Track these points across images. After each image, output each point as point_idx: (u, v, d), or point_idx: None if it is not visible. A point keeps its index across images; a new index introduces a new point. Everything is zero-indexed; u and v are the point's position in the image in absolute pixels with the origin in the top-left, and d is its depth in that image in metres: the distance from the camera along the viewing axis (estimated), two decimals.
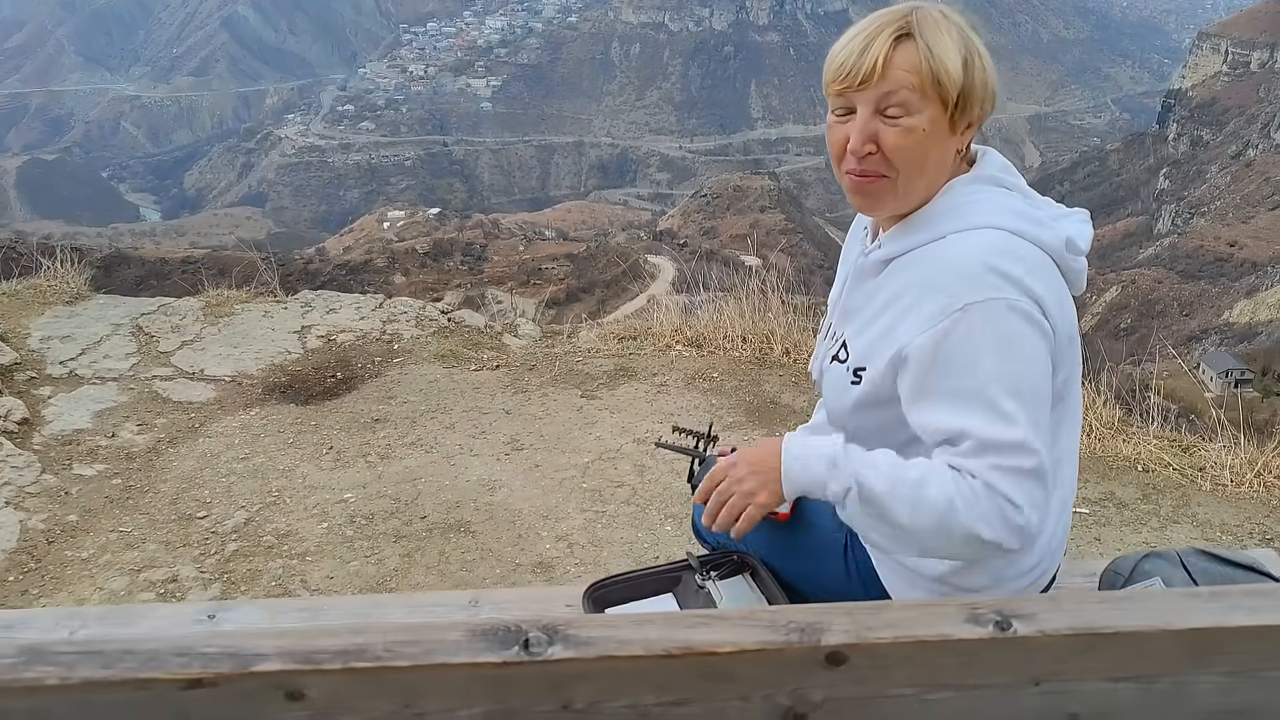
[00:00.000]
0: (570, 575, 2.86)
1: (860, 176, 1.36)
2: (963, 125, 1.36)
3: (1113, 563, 1.63)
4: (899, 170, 1.34)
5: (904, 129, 1.32)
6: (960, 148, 1.40)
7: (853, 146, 1.34)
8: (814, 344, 3.85)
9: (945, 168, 1.39)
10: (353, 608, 1.79)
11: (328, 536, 3.07)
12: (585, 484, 3.30)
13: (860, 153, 1.34)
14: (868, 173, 1.36)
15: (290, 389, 4.04)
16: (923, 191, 1.38)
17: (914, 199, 1.39)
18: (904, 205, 1.40)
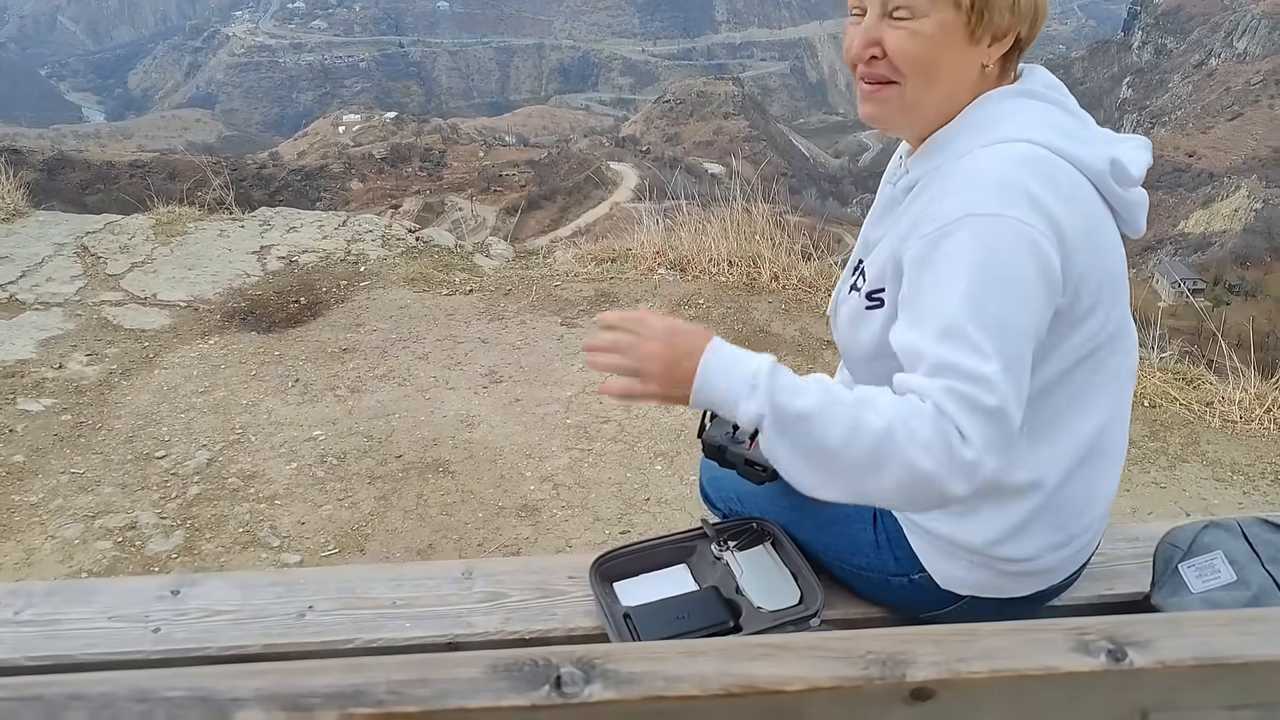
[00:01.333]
0: (557, 519, 2.72)
1: (868, 83, 1.25)
2: (985, 36, 1.21)
3: (1169, 535, 1.50)
4: (905, 76, 1.22)
5: (909, 32, 1.20)
6: (986, 62, 1.24)
7: (854, 49, 1.24)
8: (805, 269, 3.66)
9: (964, 82, 1.25)
10: (335, 581, 1.63)
11: (297, 478, 2.89)
12: (569, 420, 3.14)
13: (863, 56, 1.23)
14: (874, 78, 1.24)
15: (251, 315, 3.81)
16: (936, 104, 1.25)
17: (926, 112, 1.26)
18: (915, 118, 1.28)
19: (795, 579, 1.53)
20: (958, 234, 1.13)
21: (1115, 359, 1.29)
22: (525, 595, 1.59)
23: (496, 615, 1.56)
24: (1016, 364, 1.11)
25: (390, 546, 2.63)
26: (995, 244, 1.11)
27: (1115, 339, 1.27)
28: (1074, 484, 1.30)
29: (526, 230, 47.69)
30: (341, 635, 1.53)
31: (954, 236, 1.13)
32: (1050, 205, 1.14)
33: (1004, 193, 1.13)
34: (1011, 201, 1.12)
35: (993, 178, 1.15)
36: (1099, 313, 1.22)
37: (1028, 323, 1.13)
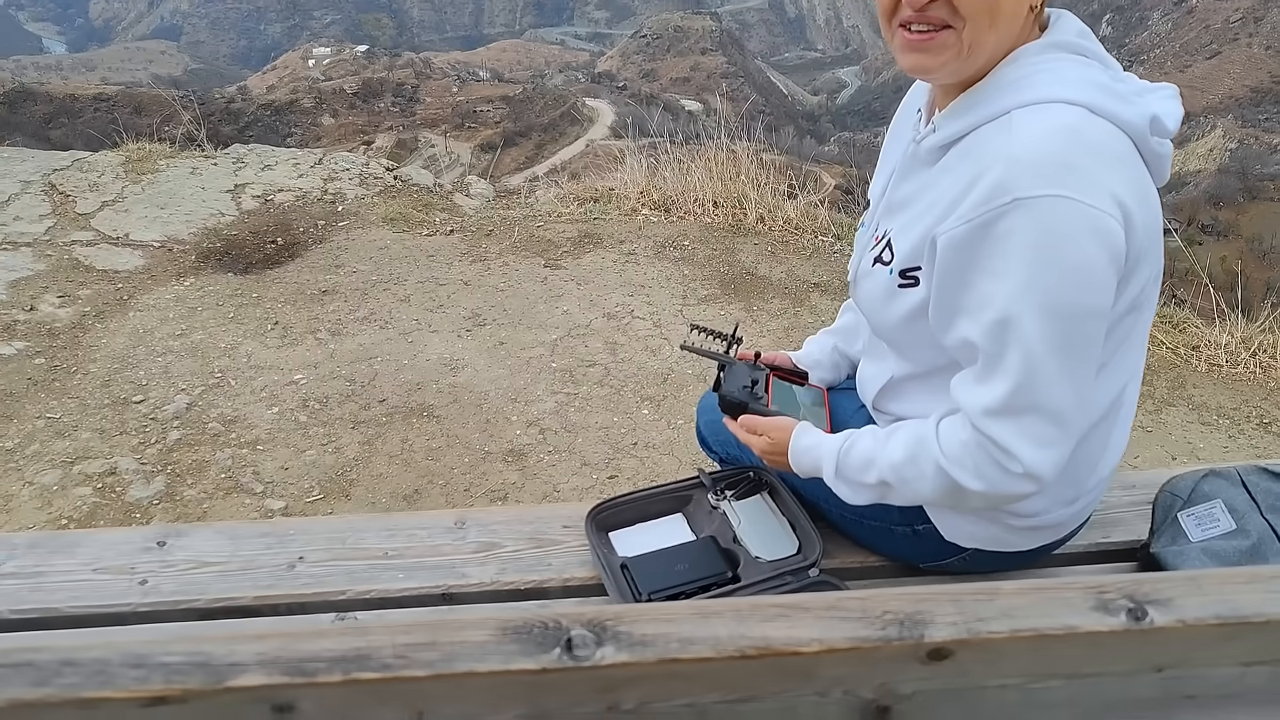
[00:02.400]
0: (544, 464, 2.70)
1: (916, 33, 1.14)
2: None
3: (1168, 484, 1.49)
4: (966, 20, 1.11)
5: None
6: (1035, 3, 1.16)
7: None
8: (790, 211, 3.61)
9: (1018, 24, 1.15)
10: (325, 532, 1.60)
11: (279, 423, 2.85)
12: (555, 363, 3.10)
13: (919, 2, 1.11)
14: (929, 21, 1.13)
15: (227, 256, 3.72)
16: (990, 50, 1.14)
17: (979, 59, 1.15)
18: (967, 67, 1.17)
19: (793, 528, 1.51)
20: (1006, 220, 1.04)
21: (1145, 317, 1.25)
22: (519, 545, 1.57)
23: (491, 566, 1.53)
24: (1079, 367, 1.11)
25: (376, 492, 2.60)
26: (1054, 228, 1.03)
27: (1149, 298, 1.23)
28: (1089, 442, 1.28)
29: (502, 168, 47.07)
30: (334, 587, 1.50)
31: (1002, 224, 1.05)
32: (1108, 178, 1.05)
33: (1056, 169, 1.04)
34: (1066, 178, 1.03)
35: (1039, 151, 1.05)
36: (1142, 272, 1.17)
37: (1093, 319, 1.09)
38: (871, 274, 1.28)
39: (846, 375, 1.64)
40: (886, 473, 1.24)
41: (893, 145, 1.38)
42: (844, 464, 1.29)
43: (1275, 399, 2.87)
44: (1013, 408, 1.11)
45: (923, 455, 1.20)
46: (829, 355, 1.63)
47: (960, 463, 1.17)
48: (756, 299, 3.47)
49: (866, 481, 1.27)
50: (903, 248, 1.21)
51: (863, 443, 1.28)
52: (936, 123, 1.21)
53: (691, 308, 3.41)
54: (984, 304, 1.09)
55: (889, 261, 1.23)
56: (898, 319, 1.24)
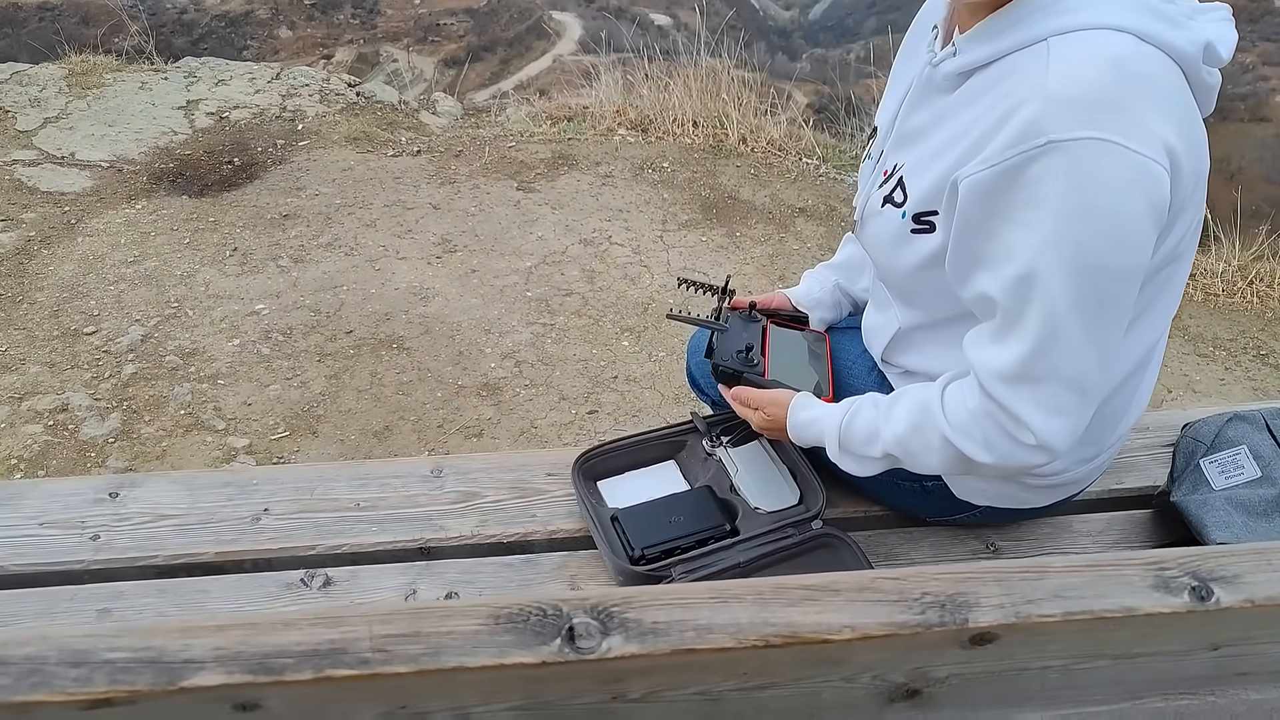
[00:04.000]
0: (520, 399, 2.59)
1: None
2: None
3: (1190, 429, 1.41)
4: None
5: None
6: None
7: None
8: (773, 131, 3.46)
9: None
10: (291, 481, 1.49)
11: (240, 355, 2.71)
12: (529, 292, 2.97)
13: None
14: None
15: (181, 178, 3.53)
16: None
17: None
18: None
19: (794, 476, 1.42)
20: (1039, 164, 0.91)
21: (1183, 267, 1.13)
22: (500, 495, 1.47)
23: (471, 518, 1.44)
24: (1107, 332, 1.01)
25: (344, 429, 2.49)
26: (1092, 177, 0.91)
27: (1189, 246, 1.11)
28: (1115, 397, 1.19)
29: (467, 84, 45.87)
30: (301, 541, 1.40)
31: (1034, 168, 0.92)
32: (1156, 118, 0.92)
33: (1097, 108, 0.91)
34: (1110, 120, 0.90)
35: (1080, 86, 0.91)
36: (1184, 220, 1.04)
37: (1126, 281, 0.98)
38: (881, 215, 1.15)
39: (849, 313, 1.54)
40: (891, 445, 1.15)
41: (904, 66, 1.24)
42: (847, 438, 1.20)
43: (1272, 330, 2.81)
44: (1030, 373, 1.00)
45: (928, 426, 1.11)
46: (830, 294, 1.52)
47: (968, 433, 1.07)
48: (739, 224, 3.35)
49: (871, 455, 1.18)
50: (917, 189, 1.08)
51: (864, 414, 1.18)
52: (958, 45, 1.06)
53: (672, 233, 3.28)
54: (1007, 256, 0.97)
55: (901, 203, 1.10)
56: (909, 267, 1.13)
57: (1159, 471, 1.51)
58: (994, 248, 0.99)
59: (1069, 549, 1.41)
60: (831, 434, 1.20)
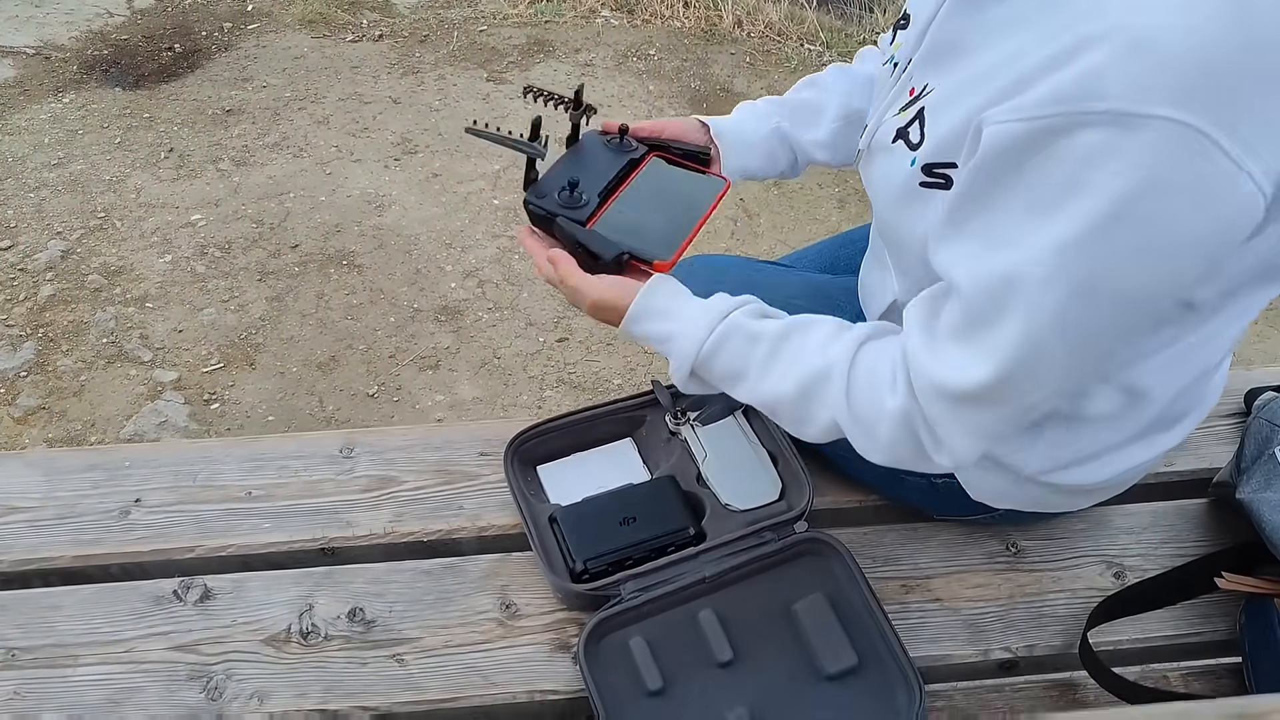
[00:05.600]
0: (483, 324, 2.32)
1: None
2: None
3: (1264, 409, 1.15)
4: None
5: None
6: None
7: None
8: (772, 13, 3.09)
9: None
10: (169, 463, 1.24)
11: (172, 274, 2.43)
12: (497, 200, 2.67)
13: None
14: None
15: (115, 66, 3.18)
16: None
17: None
18: None
19: (774, 463, 1.17)
20: (1087, 136, 0.62)
21: (1275, 287, 0.80)
22: (422, 480, 1.22)
23: (385, 510, 1.19)
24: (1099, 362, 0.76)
25: (285, 360, 2.23)
26: (1156, 178, 0.61)
27: None
28: (1183, 399, 0.92)
29: None
30: (179, 541, 1.16)
31: (1080, 138, 0.62)
32: (1273, 112, 0.61)
33: (1200, 77, 0.60)
34: (1210, 98, 0.60)
35: (1184, 38, 0.60)
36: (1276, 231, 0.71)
37: (1155, 302, 0.70)
38: (890, 153, 0.84)
39: (783, 170, 1.18)
40: (762, 400, 0.89)
41: None
42: (704, 368, 0.91)
43: None
44: (983, 398, 0.74)
45: (819, 401, 0.85)
46: (765, 138, 1.14)
47: (869, 430, 0.83)
48: None
49: (730, 393, 0.92)
50: (938, 129, 0.78)
51: (734, 345, 0.88)
52: None
53: None
54: (999, 242, 0.69)
55: (916, 144, 0.81)
56: (913, 233, 0.83)
57: (1216, 451, 1.26)
58: (988, 223, 0.70)
59: (1106, 549, 1.17)
60: (684, 360, 0.90)
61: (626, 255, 0.93)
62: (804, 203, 2.69)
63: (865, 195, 2.82)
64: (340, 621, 1.09)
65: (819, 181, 2.76)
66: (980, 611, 1.11)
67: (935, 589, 1.13)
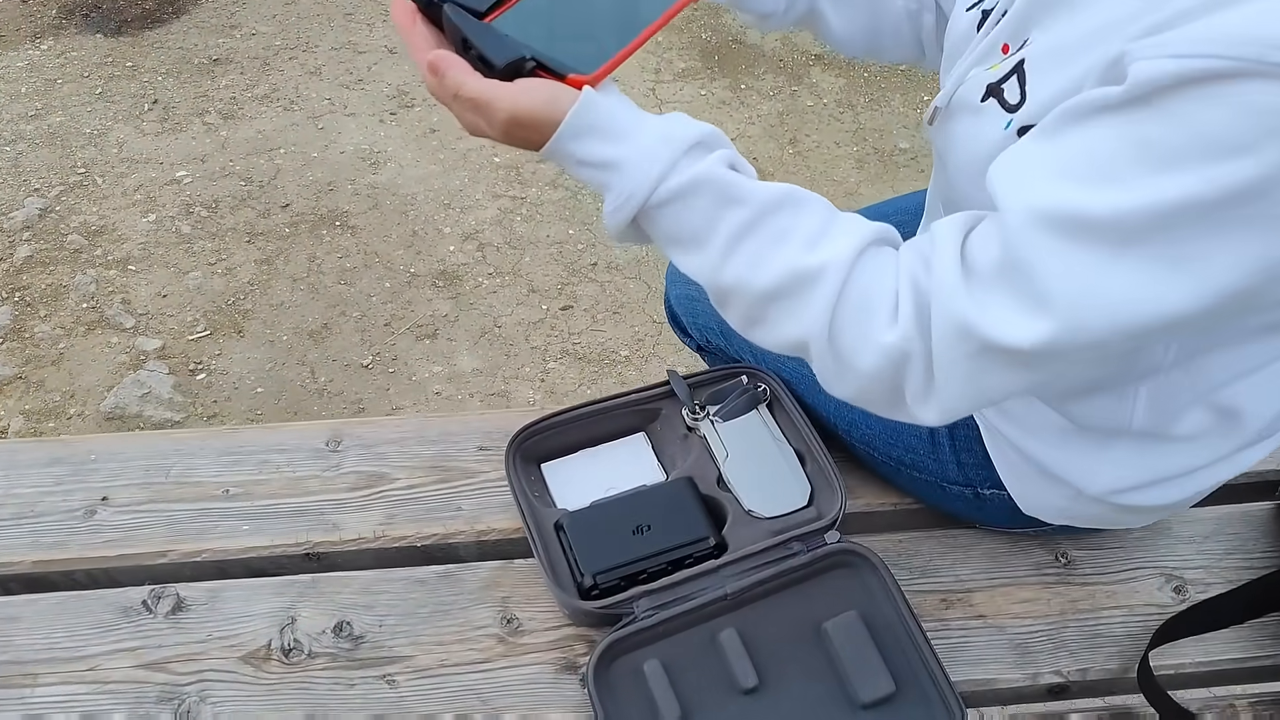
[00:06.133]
0: (483, 290, 2.21)
1: None
2: None
3: None
4: None
5: None
6: None
7: None
8: None
9: None
10: (140, 456, 1.14)
11: (156, 235, 2.31)
12: (497, 157, 2.54)
13: None
14: None
15: (96, 11, 3.02)
16: None
17: None
18: None
19: (802, 463, 1.06)
20: (1244, 90, 0.50)
21: None
22: (416, 478, 1.12)
23: (375, 511, 1.09)
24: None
25: (275, 327, 2.12)
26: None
27: None
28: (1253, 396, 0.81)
29: None
30: (149, 546, 1.06)
31: (1252, 91, 0.50)
32: None
33: None
34: None
35: None
36: None
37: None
38: (979, 114, 0.71)
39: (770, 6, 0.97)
40: (719, 280, 0.71)
41: None
42: (654, 216, 0.70)
43: None
44: (1027, 361, 0.61)
45: (794, 306, 0.68)
46: None
47: (845, 359, 0.68)
48: (745, 74, 2.86)
49: (682, 262, 0.73)
50: (1046, 87, 0.65)
51: (701, 200, 0.68)
52: None
53: (666, 85, 2.81)
54: (1100, 177, 0.56)
55: (1014, 105, 0.68)
56: None
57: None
58: (1092, 153, 0.57)
59: (1165, 560, 1.06)
60: (629, 199, 0.68)
61: (532, 63, 0.68)
62: (820, 162, 2.56)
63: (885, 154, 2.70)
64: (325, 637, 0.99)
65: (836, 140, 2.62)
66: (1028, 630, 1.01)
67: (978, 604, 1.03)
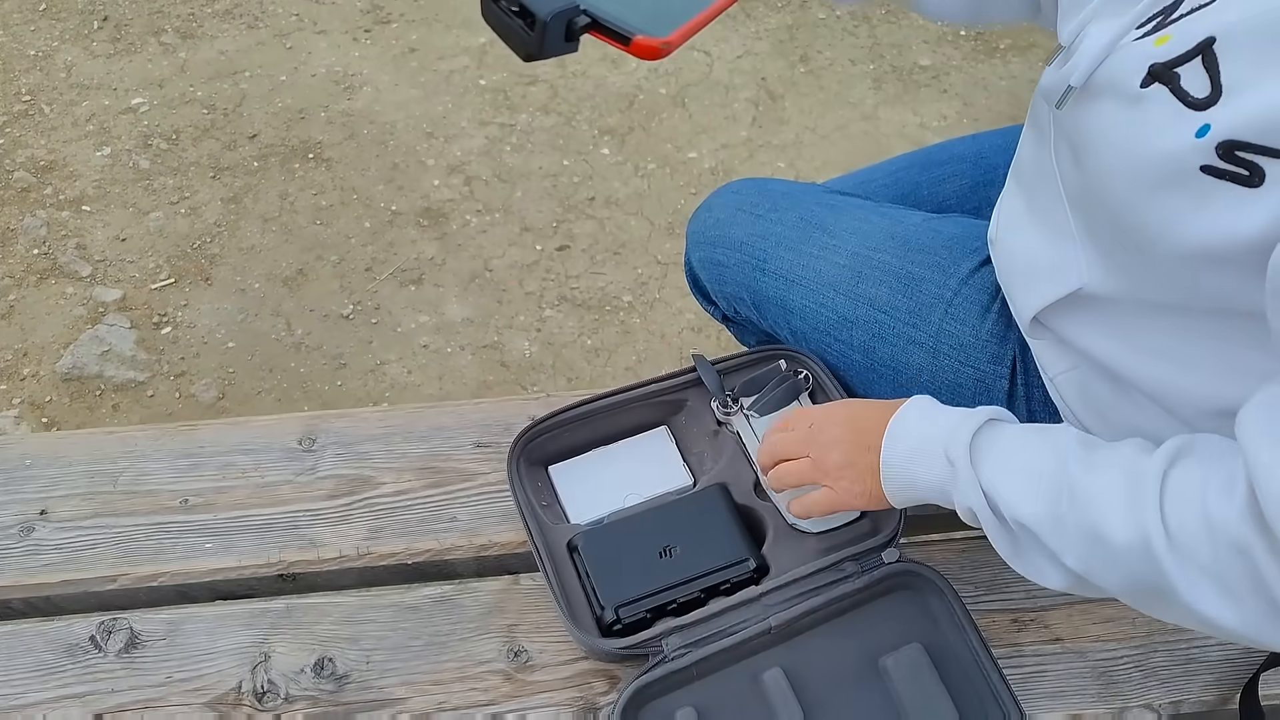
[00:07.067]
0: (471, 229, 2.03)
1: None
2: None
3: None
4: None
5: None
6: None
7: None
8: None
9: None
10: (84, 459, 0.98)
11: (112, 170, 2.11)
12: (484, 79, 2.33)
13: None
14: None
15: None
16: None
17: None
18: None
19: None
20: None
21: None
22: (404, 482, 0.97)
23: (358, 522, 0.94)
24: None
25: (246, 274, 1.95)
26: None
27: None
28: None
29: None
30: (97, 569, 0.91)
31: None
32: None
33: None
34: None
35: None
36: None
37: None
38: (1138, 104, 0.55)
39: None
40: (1051, 477, 0.64)
41: None
42: (990, 442, 0.69)
43: None
44: None
45: (1134, 488, 0.60)
46: None
47: (1194, 559, 0.56)
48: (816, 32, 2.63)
49: (1016, 514, 0.66)
50: (1263, 87, 0.49)
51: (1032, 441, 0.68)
52: None
53: None
54: None
55: (1201, 101, 0.51)
56: (1168, 232, 0.55)
57: None
58: None
59: None
60: (954, 438, 0.69)
61: (585, 18, 0.53)
62: (834, 82, 2.36)
63: (905, 72, 2.50)
64: (304, 676, 0.86)
65: (850, 57, 2.41)
66: (1112, 655, 0.88)
67: (1055, 625, 0.90)
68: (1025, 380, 0.87)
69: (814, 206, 1.02)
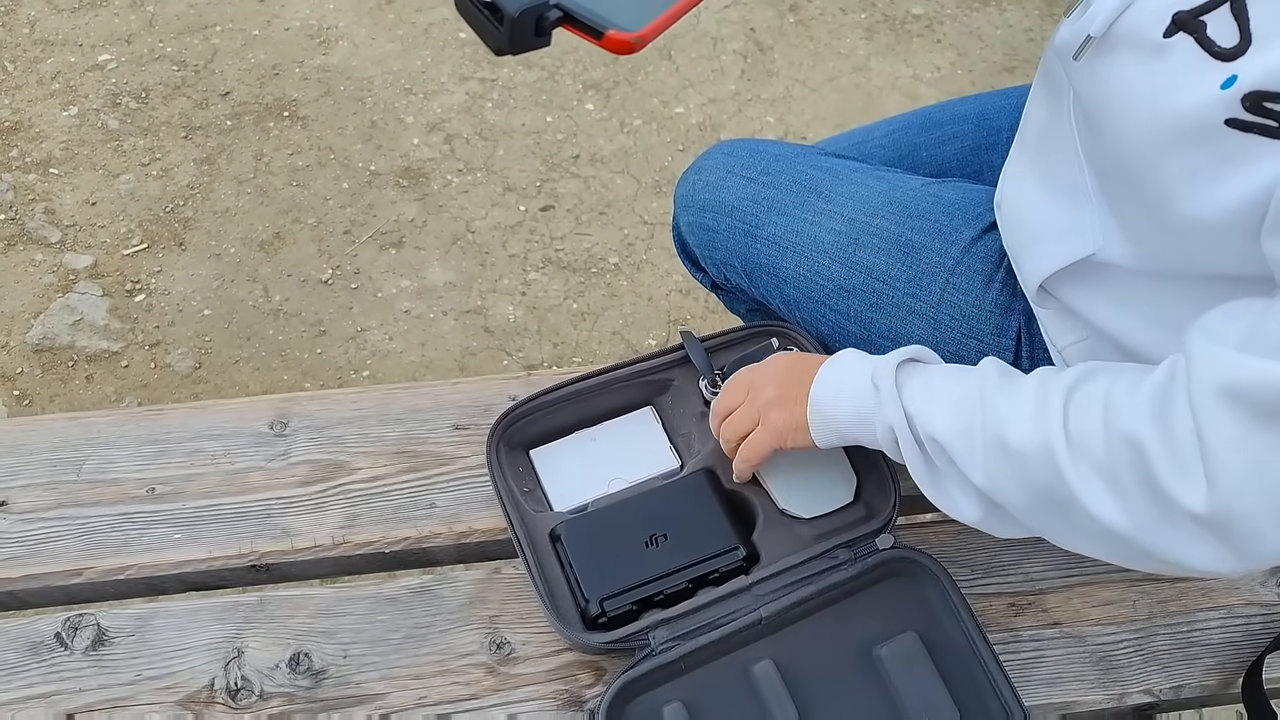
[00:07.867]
0: (452, 190, 1.97)
1: None
2: None
3: None
4: None
5: None
6: None
7: None
8: None
9: None
10: (46, 445, 0.93)
11: (80, 131, 2.04)
12: (464, 33, 2.25)
13: None
14: None
15: None
16: None
17: None
18: None
19: (847, 451, 0.89)
20: None
21: None
22: (380, 467, 0.93)
23: (332, 510, 0.91)
24: None
25: (221, 238, 1.89)
26: None
27: None
28: None
29: None
30: (60, 562, 0.88)
31: None
32: None
33: None
34: None
35: None
36: None
37: None
38: (1160, 53, 0.51)
39: None
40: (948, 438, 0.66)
41: None
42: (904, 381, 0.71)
43: None
44: None
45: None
46: None
47: (1088, 453, 0.58)
48: None
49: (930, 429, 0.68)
50: None
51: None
52: None
53: None
54: None
55: (1229, 51, 0.47)
56: (1188, 194, 0.52)
57: None
58: None
59: None
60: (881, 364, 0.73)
61: (556, 12, 0.52)
62: (824, 32, 2.29)
63: (897, 22, 2.43)
64: (279, 672, 0.83)
65: (842, 6, 2.34)
66: (1112, 639, 0.86)
67: (1053, 609, 0.87)
68: (1030, 353, 0.84)
69: (808, 169, 0.98)
